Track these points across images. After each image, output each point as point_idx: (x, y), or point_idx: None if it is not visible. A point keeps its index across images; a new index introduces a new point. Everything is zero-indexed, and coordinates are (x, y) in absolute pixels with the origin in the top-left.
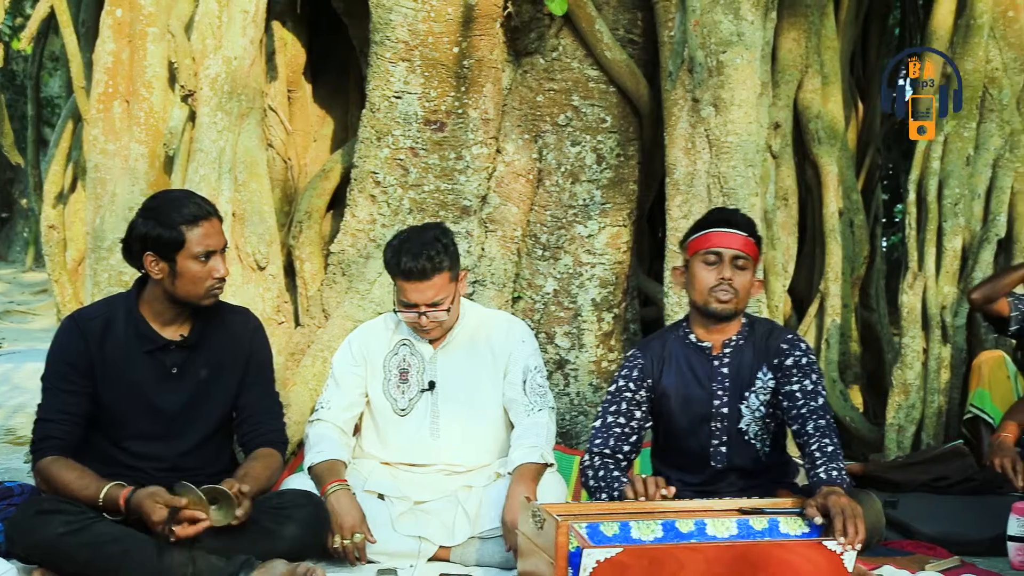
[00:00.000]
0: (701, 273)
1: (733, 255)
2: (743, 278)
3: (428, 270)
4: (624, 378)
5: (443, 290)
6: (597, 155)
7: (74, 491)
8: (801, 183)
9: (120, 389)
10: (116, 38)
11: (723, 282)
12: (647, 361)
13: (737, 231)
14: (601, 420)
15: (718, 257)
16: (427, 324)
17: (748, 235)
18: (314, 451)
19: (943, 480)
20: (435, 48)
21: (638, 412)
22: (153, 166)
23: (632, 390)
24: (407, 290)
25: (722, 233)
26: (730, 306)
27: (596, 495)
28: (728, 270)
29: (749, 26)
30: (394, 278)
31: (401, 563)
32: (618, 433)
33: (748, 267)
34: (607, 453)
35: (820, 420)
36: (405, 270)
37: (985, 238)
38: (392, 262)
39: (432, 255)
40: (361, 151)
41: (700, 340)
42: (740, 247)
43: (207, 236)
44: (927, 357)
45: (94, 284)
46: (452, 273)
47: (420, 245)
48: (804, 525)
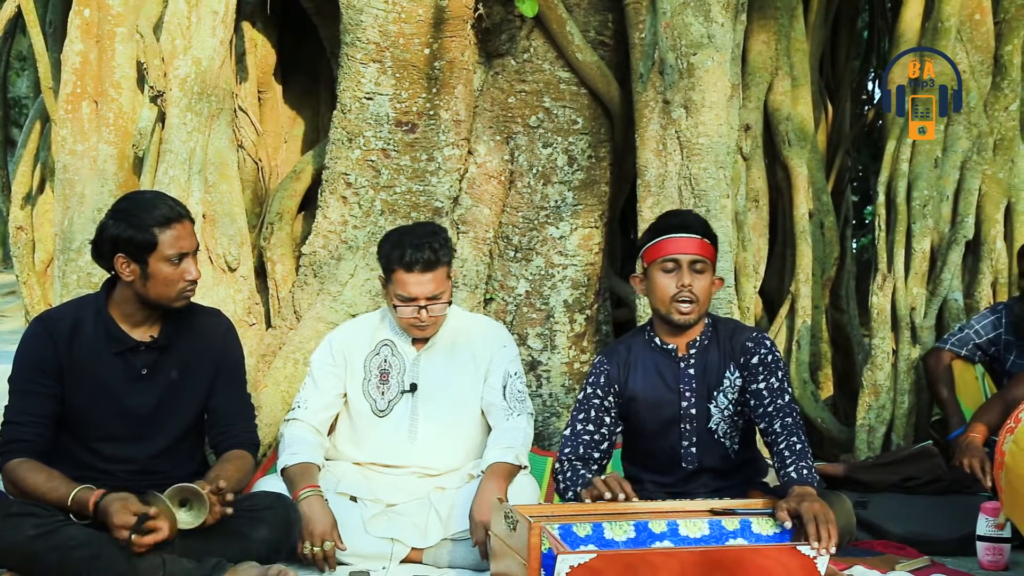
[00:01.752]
0: (660, 281)
1: (690, 260)
2: (702, 282)
3: (433, 261)
4: (591, 385)
5: (442, 284)
6: (569, 157)
7: (43, 494)
8: (772, 185)
9: (89, 391)
10: (84, 38)
11: (683, 289)
12: (613, 367)
13: (692, 235)
14: (571, 428)
15: (676, 264)
16: (427, 319)
17: (703, 237)
18: (288, 452)
19: (913, 480)
20: (406, 49)
21: (607, 418)
22: (122, 167)
23: (600, 396)
24: (408, 283)
25: (677, 239)
26: (691, 316)
27: (568, 496)
28: (687, 276)
29: (719, 28)
30: (393, 272)
31: (373, 565)
32: (587, 440)
33: (706, 269)
34: (577, 460)
35: (787, 418)
36: (409, 261)
37: (953, 239)
38: (394, 254)
39: (436, 247)
40: (332, 152)
41: (665, 343)
42: (696, 251)
43: (179, 238)
44: (897, 358)
45: (63, 285)
46: (449, 268)
47: (422, 237)
48: (776, 526)
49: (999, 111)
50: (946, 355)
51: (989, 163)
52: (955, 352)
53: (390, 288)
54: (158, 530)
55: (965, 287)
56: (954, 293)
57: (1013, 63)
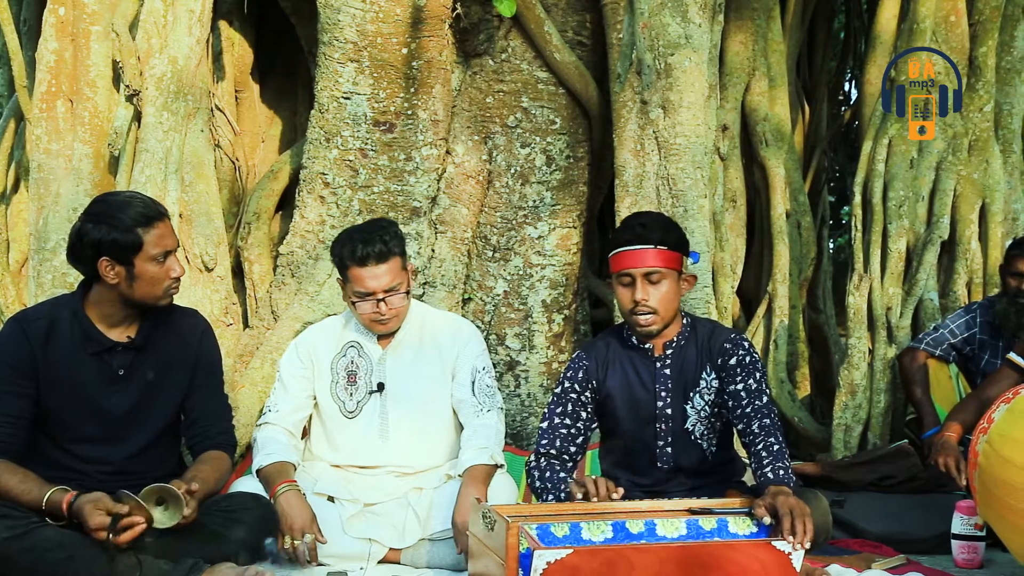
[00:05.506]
0: (620, 293)
1: (644, 272)
2: (660, 291)
3: (384, 253)
4: (569, 380)
5: (398, 275)
6: (547, 156)
7: (16, 495)
8: (749, 185)
9: (64, 391)
10: (59, 36)
11: (638, 304)
12: (591, 363)
13: (645, 246)
14: (548, 422)
15: (631, 277)
16: (386, 312)
17: (659, 245)
18: (262, 454)
19: (889, 479)
20: (384, 49)
21: (584, 413)
22: (98, 166)
23: (577, 391)
24: (363, 278)
25: (631, 252)
26: (652, 327)
27: (542, 497)
28: (641, 291)
29: (697, 29)
30: (347, 270)
31: (351, 565)
32: (564, 435)
33: (664, 278)
34: (553, 454)
35: (765, 419)
36: (361, 256)
37: (929, 240)
38: (346, 251)
39: (386, 239)
40: (310, 152)
41: (641, 342)
42: (651, 263)
43: (163, 237)
44: (873, 357)
45: (37, 285)
46: (403, 260)
47: (370, 232)
48: (753, 525)
49: (974, 112)
50: (921, 355)
51: (964, 164)
52: (930, 352)
53: (348, 287)
54: (134, 524)
55: (940, 287)
56: (930, 293)
57: (988, 64)
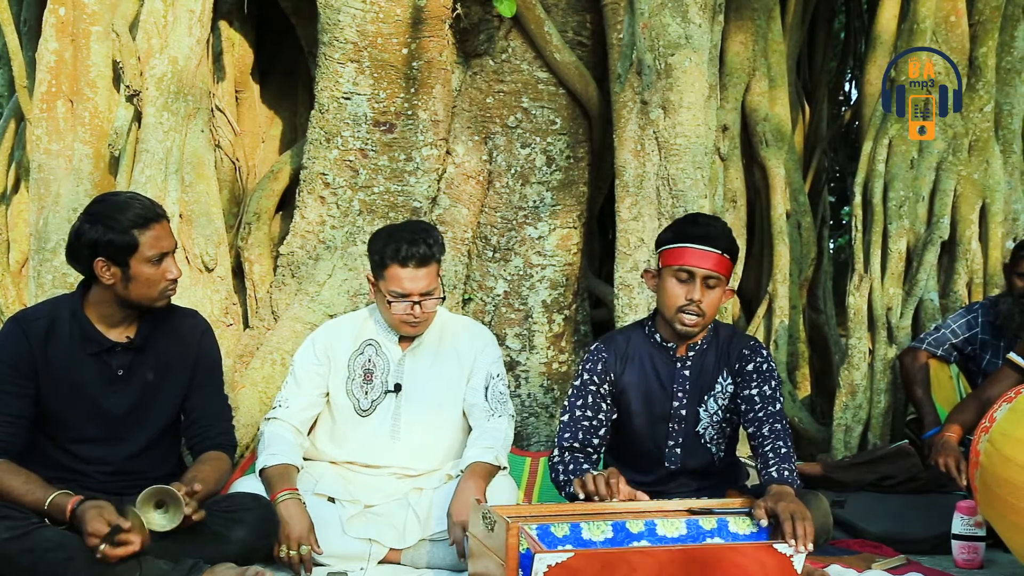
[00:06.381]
0: (671, 289)
1: (705, 275)
2: (712, 296)
3: (427, 256)
4: (588, 372)
5: (434, 280)
6: (547, 157)
7: (18, 496)
8: (749, 185)
9: (64, 391)
10: (59, 37)
11: (691, 303)
12: (611, 355)
13: (713, 249)
14: (569, 415)
15: (690, 276)
16: (420, 315)
17: (723, 252)
18: (267, 452)
19: (889, 479)
20: (384, 49)
21: (604, 404)
22: (98, 167)
23: (596, 383)
24: (403, 278)
25: (697, 251)
26: (695, 328)
27: (567, 489)
28: (698, 291)
29: (697, 29)
30: (386, 268)
31: (351, 566)
32: (586, 427)
33: (719, 285)
34: (576, 447)
35: (776, 424)
36: (404, 256)
37: (929, 240)
38: (389, 250)
39: (430, 243)
40: (310, 152)
41: (665, 340)
42: (713, 267)
43: (159, 238)
44: (873, 358)
45: (38, 286)
46: (439, 266)
47: (416, 232)
48: (753, 525)
49: (974, 112)
50: (922, 355)
51: (964, 164)
52: (931, 352)
53: (382, 284)
54: (129, 543)
55: (941, 287)
56: (930, 293)
57: (988, 64)
